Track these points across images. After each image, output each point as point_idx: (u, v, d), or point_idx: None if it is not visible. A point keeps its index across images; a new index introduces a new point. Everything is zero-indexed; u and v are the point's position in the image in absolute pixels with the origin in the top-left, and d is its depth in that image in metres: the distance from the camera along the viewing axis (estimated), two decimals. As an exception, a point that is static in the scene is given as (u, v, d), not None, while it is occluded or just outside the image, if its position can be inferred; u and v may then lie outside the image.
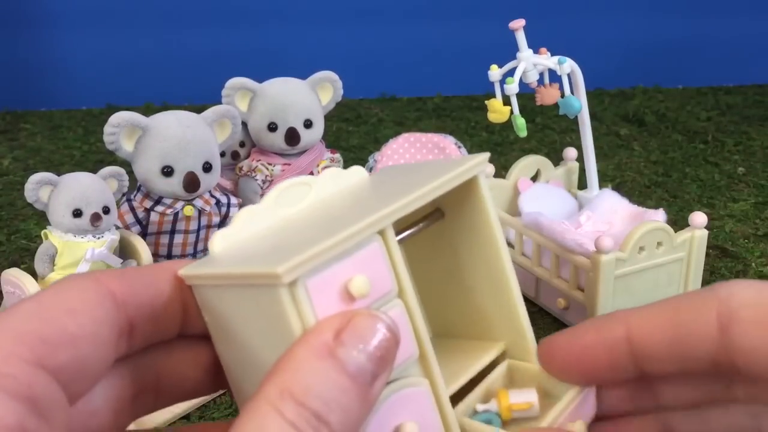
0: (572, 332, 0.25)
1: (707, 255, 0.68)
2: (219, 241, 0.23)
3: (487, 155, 0.26)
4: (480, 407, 0.25)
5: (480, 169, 0.25)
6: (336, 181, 0.26)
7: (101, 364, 0.21)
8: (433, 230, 0.27)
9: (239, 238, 0.24)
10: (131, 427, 0.25)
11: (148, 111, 0.71)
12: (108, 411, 0.23)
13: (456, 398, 0.25)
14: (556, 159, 0.81)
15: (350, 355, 0.19)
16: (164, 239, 0.68)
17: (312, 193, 0.26)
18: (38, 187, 0.60)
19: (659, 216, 0.69)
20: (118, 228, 0.65)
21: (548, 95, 0.68)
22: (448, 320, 0.29)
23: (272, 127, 0.73)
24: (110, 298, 0.21)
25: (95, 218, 0.60)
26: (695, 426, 0.25)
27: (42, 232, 0.62)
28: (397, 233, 0.24)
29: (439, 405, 0.23)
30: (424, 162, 0.29)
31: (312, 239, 0.21)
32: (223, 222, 0.71)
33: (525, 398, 0.25)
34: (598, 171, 0.78)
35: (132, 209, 0.67)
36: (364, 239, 0.22)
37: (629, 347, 0.24)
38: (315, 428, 0.18)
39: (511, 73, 0.67)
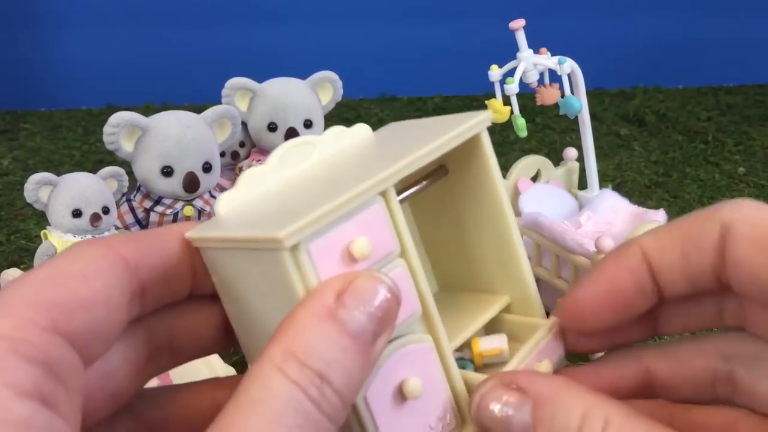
0: (591, 275, 0.25)
1: (708, 255, 0.68)
2: (224, 203, 0.24)
3: (489, 113, 0.27)
4: (455, 355, 0.26)
5: (483, 126, 0.26)
6: (340, 140, 0.27)
7: (114, 327, 0.21)
8: (438, 187, 0.28)
9: (244, 200, 0.24)
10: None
11: (147, 111, 0.71)
12: (125, 372, 0.23)
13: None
14: (557, 159, 0.81)
15: (351, 316, 0.20)
16: (164, 239, 0.68)
17: (316, 153, 0.26)
18: (38, 188, 0.60)
19: (660, 216, 0.69)
20: (117, 228, 0.65)
21: (548, 95, 0.68)
22: (454, 274, 0.29)
23: (272, 127, 0.73)
24: (121, 263, 0.22)
25: (95, 218, 0.60)
26: (671, 367, 0.25)
27: (41, 233, 0.62)
28: (401, 191, 0.25)
29: (443, 360, 0.23)
30: (429, 119, 0.29)
31: (315, 201, 0.21)
32: (223, 222, 0.71)
33: (495, 344, 0.26)
34: (599, 171, 0.78)
35: (132, 209, 0.67)
36: (365, 201, 0.22)
37: (648, 268, 0.24)
38: (318, 387, 0.19)
39: (511, 73, 0.67)
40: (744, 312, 0.25)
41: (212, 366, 0.62)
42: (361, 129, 0.27)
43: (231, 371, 0.61)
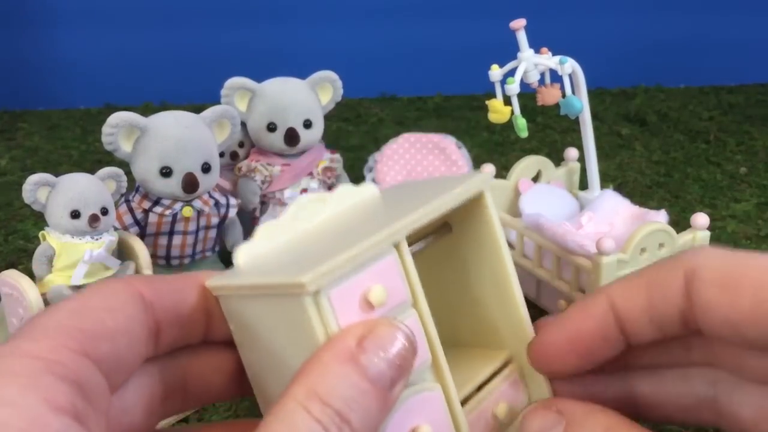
0: (558, 321, 0.26)
1: (710, 256, 0.68)
2: (242, 254, 0.25)
3: (491, 172, 0.28)
4: None
5: (486, 185, 0.28)
6: (349, 197, 0.29)
7: (135, 358, 0.23)
8: (442, 243, 0.29)
9: (261, 252, 0.25)
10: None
11: (146, 110, 0.71)
12: (139, 410, 0.25)
13: (463, 402, 0.26)
14: (557, 159, 0.80)
15: (371, 362, 0.21)
16: (163, 240, 0.68)
17: (327, 209, 0.28)
18: (36, 188, 0.59)
19: (661, 217, 0.68)
20: (116, 229, 0.64)
21: (549, 95, 0.67)
22: (456, 329, 0.30)
23: (271, 128, 0.73)
24: (140, 299, 0.24)
25: (93, 219, 0.60)
26: (656, 390, 0.27)
27: (40, 234, 0.61)
28: (408, 245, 0.26)
29: (451, 408, 0.25)
30: (432, 178, 0.31)
31: (332, 251, 0.22)
32: (222, 223, 0.71)
33: None
34: (600, 171, 0.77)
35: (130, 210, 0.67)
36: (380, 251, 0.23)
37: (614, 317, 0.25)
38: (338, 426, 0.20)
39: (511, 73, 0.67)
40: (713, 351, 0.26)
41: None
42: (369, 188, 0.29)
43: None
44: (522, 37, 0.66)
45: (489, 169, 0.74)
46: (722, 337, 0.24)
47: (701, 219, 0.65)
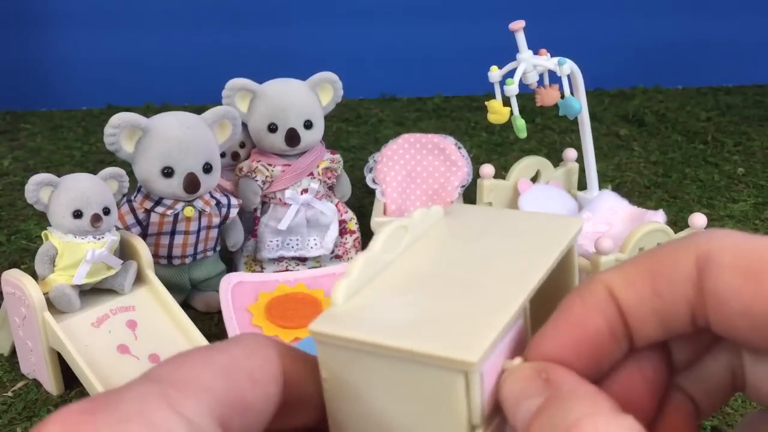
0: (556, 321, 0.22)
1: (707, 256, 0.68)
2: (341, 292, 0.22)
3: (581, 222, 0.26)
4: None
5: (576, 239, 0.26)
6: (424, 221, 0.27)
7: None
8: None
9: (360, 289, 0.23)
10: None
11: (148, 111, 0.71)
12: None
13: None
14: (556, 160, 0.81)
15: None
16: (164, 240, 0.69)
17: (408, 236, 0.26)
18: (39, 188, 0.60)
19: (659, 217, 0.69)
20: (118, 229, 0.65)
21: (548, 96, 0.68)
22: None
23: (272, 128, 0.73)
24: (281, 377, 0.22)
25: (95, 219, 0.60)
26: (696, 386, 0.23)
27: (42, 233, 0.62)
28: None
29: None
30: (499, 210, 0.29)
31: (469, 316, 0.21)
32: (223, 222, 0.71)
33: None
34: (598, 172, 0.78)
35: (132, 210, 0.67)
36: (517, 317, 0.21)
37: (616, 307, 0.21)
38: None
39: (511, 74, 0.67)
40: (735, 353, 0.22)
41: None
42: (437, 210, 0.27)
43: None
44: (521, 39, 0.67)
45: (488, 169, 0.75)
46: (741, 333, 0.20)
47: (699, 219, 0.65)
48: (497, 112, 0.67)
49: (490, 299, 0.21)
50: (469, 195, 0.83)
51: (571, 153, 0.80)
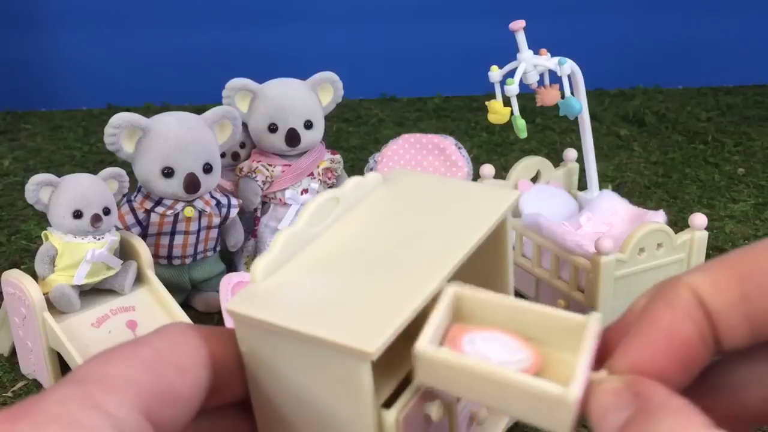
0: (642, 329, 0.20)
1: (707, 256, 0.68)
2: (261, 268, 0.23)
3: (516, 194, 0.26)
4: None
5: (509, 210, 0.26)
6: (359, 190, 0.26)
7: (185, 422, 0.21)
8: None
9: (282, 265, 0.23)
10: None
11: (148, 111, 0.71)
12: None
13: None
14: (557, 160, 0.81)
15: None
16: (164, 240, 0.69)
17: (339, 207, 0.26)
18: (39, 188, 0.60)
19: (659, 217, 0.69)
20: (118, 229, 0.65)
21: (548, 96, 0.68)
22: None
23: (273, 128, 0.73)
24: (211, 362, 0.22)
25: (95, 219, 0.60)
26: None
27: (42, 233, 0.62)
28: None
29: None
30: (434, 177, 0.29)
31: (381, 296, 0.21)
32: (224, 222, 0.71)
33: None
34: (598, 172, 0.78)
35: (132, 210, 0.67)
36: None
37: (705, 313, 0.20)
38: None
39: (511, 74, 0.67)
40: None
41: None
42: (374, 177, 0.27)
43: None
44: (521, 39, 0.67)
45: (488, 169, 0.75)
46: None
47: (699, 219, 0.65)
48: (497, 112, 0.67)
49: (406, 282, 0.22)
50: (470, 195, 0.83)
51: (571, 153, 0.80)
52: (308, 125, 0.74)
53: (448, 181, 0.29)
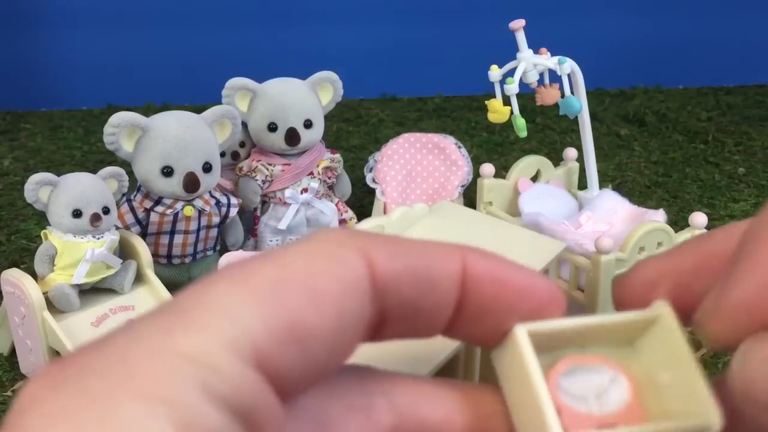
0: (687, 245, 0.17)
1: (707, 255, 0.68)
2: None
3: (562, 246, 0.25)
4: None
5: (554, 262, 0.25)
6: (404, 220, 0.26)
7: (329, 369, 0.15)
8: None
9: None
10: None
11: (148, 111, 0.71)
12: None
13: None
14: (557, 159, 0.81)
15: None
16: (164, 239, 0.68)
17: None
18: (38, 188, 0.60)
19: (659, 216, 0.69)
20: (117, 228, 0.65)
21: (548, 95, 0.68)
22: None
23: (272, 128, 0.73)
24: (369, 285, 0.15)
25: (95, 218, 0.60)
26: None
27: (42, 233, 0.62)
28: None
29: None
30: (484, 217, 0.28)
31: (413, 345, 0.19)
32: (223, 222, 0.71)
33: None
34: (599, 171, 0.78)
35: (132, 209, 0.67)
36: None
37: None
38: None
39: (511, 73, 0.67)
40: None
41: None
42: (420, 208, 0.27)
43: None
44: (521, 38, 0.67)
45: (488, 169, 0.75)
46: None
47: (699, 218, 0.65)
48: (497, 111, 0.67)
49: None
50: (470, 194, 0.83)
51: (571, 152, 0.80)
52: (308, 124, 0.74)
53: (495, 223, 0.28)
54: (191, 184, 0.66)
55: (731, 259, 0.16)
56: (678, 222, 0.85)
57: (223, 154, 0.74)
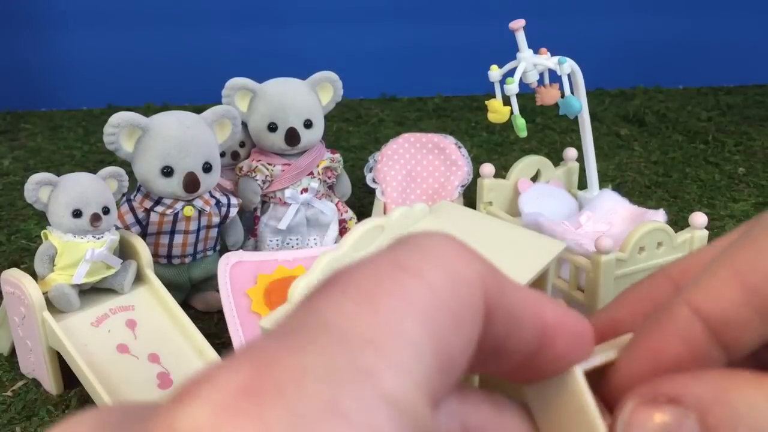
0: (629, 353, 0.18)
1: (707, 255, 0.68)
2: (301, 291, 0.22)
3: (563, 246, 0.26)
4: None
5: (554, 262, 0.25)
6: (405, 220, 0.26)
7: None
8: None
9: None
10: None
11: (148, 111, 0.71)
12: None
13: None
14: (557, 159, 0.81)
15: None
16: (164, 239, 0.68)
17: (383, 235, 0.25)
18: (38, 188, 0.60)
19: (659, 216, 0.69)
20: (117, 228, 0.65)
21: (548, 95, 0.68)
22: None
23: (272, 128, 0.73)
24: (483, 309, 0.15)
25: (95, 218, 0.60)
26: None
27: (42, 233, 0.62)
28: None
29: None
30: (485, 217, 0.28)
31: None
32: (223, 222, 0.71)
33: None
34: (599, 171, 0.78)
35: (132, 209, 0.67)
36: None
37: (702, 325, 0.18)
38: None
39: (511, 73, 0.67)
40: None
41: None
42: (421, 208, 0.27)
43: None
44: (521, 38, 0.67)
45: (488, 169, 0.75)
46: None
47: (699, 218, 0.65)
48: (497, 111, 0.67)
49: None
50: (469, 194, 0.83)
51: (571, 152, 0.80)
52: (308, 124, 0.74)
53: (495, 223, 0.28)
54: (191, 184, 0.66)
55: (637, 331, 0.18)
56: (678, 222, 0.85)
57: (223, 154, 0.74)
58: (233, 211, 0.71)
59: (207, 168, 0.67)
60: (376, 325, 0.13)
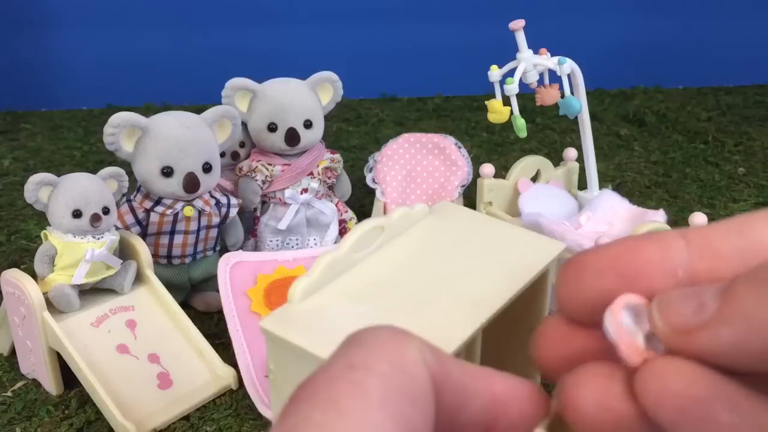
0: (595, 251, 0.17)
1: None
2: (300, 290, 0.22)
3: (562, 246, 0.26)
4: None
5: (553, 263, 0.25)
6: (405, 221, 0.26)
7: None
8: None
9: (320, 288, 0.23)
10: None
11: (148, 111, 0.71)
12: None
13: None
14: (557, 159, 0.81)
15: None
16: (164, 240, 0.68)
17: (383, 235, 0.25)
18: (38, 188, 0.60)
19: (659, 216, 0.69)
20: (117, 228, 0.65)
21: (548, 96, 0.68)
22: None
23: (272, 128, 0.73)
24: (432, 385, 0.16)
25: (95, 219, 0.60)
26: None
27: (42, 233, 0.62)
28: None
29: None
30: (485, 217, 0.28)
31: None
32: (223, 222, 0.71)
33: None
34: (598, 171, 0.78)
35: (132, 210, 0.67)
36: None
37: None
38: None
39: (511, 73, 0.67)
40: None
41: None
42: (421, 209, 0.27)
43: (230, 371, 0.61)
44: (521, 38, 0.67)
45: (488, 169, 0.75)
46: None
47: (699, 218, 0.65)
48: (497, 111, 0.67)
49: (444, 324, 0.21)
50: (469, 194, 0.83)
51: (571, 153, 0.80)
52: (308, 125, 0.74)
53: (495, 223, 0.28)
54: (191, 184, 0.66)
55: None
56: (678, 222, 0.85)
57: (223, 154, 0.74)
58: (233, 212, 0.71)
59: (207, 168, 0.67)
60: (345, 428, 0.14)
